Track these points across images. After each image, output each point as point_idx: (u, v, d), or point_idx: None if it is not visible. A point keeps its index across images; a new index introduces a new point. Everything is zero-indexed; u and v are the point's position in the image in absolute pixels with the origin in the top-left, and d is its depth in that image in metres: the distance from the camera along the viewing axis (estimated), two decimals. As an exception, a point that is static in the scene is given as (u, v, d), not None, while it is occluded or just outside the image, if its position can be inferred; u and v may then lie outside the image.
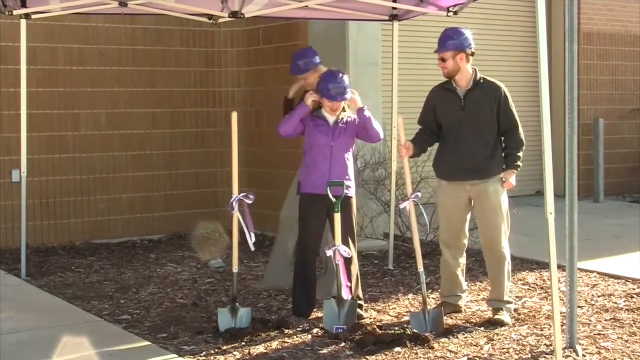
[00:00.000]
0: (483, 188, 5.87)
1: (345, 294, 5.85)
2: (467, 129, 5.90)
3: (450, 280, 6.16)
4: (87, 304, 6.59)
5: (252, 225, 6.03)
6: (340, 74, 6.06)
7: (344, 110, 6.13)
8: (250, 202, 5.97)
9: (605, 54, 12.89)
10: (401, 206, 6.09)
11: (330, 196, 5.89)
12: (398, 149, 6.06)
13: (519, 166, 5.92)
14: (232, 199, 5.91)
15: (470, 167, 5.87)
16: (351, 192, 6.10)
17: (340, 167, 6.05)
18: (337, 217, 5.89)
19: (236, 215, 5.91)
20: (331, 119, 6.08)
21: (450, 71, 5.89)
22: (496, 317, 5.89)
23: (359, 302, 6.06)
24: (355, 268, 6.12)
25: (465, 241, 6.13)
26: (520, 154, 5.93)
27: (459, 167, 5.91)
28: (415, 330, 5.58)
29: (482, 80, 5.92)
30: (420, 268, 5.88)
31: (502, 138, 5.95)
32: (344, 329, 5.67)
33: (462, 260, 6.17)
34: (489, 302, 6.09)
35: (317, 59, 6.50)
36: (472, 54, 5.90)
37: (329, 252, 5.90)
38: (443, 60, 5.87)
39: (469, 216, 6.07)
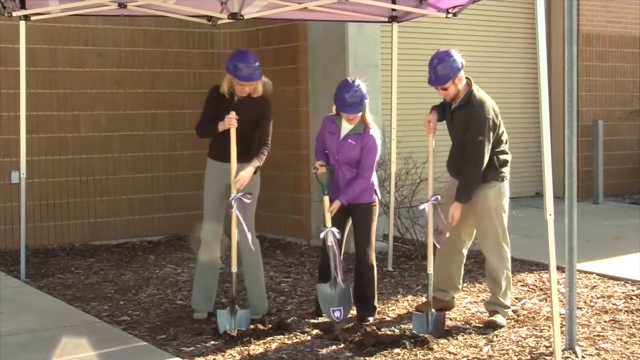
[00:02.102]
0: (474, 191, 5.88)
1: (339, 276, 5.88)
2: (454, 140, 6.00)
3: (440, 274, 6.17)
4: (86, 306, 6.59)
5: (250, 224, 6.05)
6: (357, 83, 5.92)
7: (365, 123, 5.98)
8: (248, 202, 5.96)
9: (605, 56, 12.89)
10: (420, 207, 6.07)
11: (318, 180, 6.05)
12: (425, 125, 5.99)
13: (462, 200, 5.82)
14: (231, 198, 5.91)
15: (460, 172, 5.94)
16: (364, 199, 6.04)
17: (346, 177, 6.02)
18: (327, 199, 5.96)
19: (235, 213, 5.91)
20: (345, 129, 6.00)
21: (453, 96, 5.84)
22: (490, 319, 5.90)
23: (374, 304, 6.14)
24: (373, 278, 6.14)
25: (461, 240, 6.12)
26: (468, 188, 5.79)
27: (454, 168, 6.04)
28: (415, 332, 5.59)
29: (470, 101, 5.80)
30: (430, 270, 5.90)
31: (495, 150, 5.87)
32: (340, 312, 5.73)
33: (458, 257, 6.18)
34: (486, 305, 6.11)
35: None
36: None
37: (322, 234, 5.94)
38: (444, 89, 5.80)
39: (469, 216, 6.05)
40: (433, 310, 5.80)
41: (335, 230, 5.93)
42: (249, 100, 5.98)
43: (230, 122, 5.85)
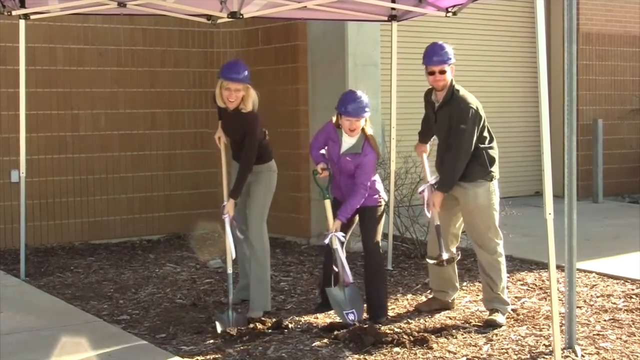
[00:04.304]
0: (464, 191, 5.92)
1: (345, 279, 5.94)
2: (440, 140, 6.05)
3: (437, 275, 6.25)
4: (86, 304, 6.59)
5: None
6: (360, 93, 5.99)
7: (366, 137, 5.98)
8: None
9: (605, 55, 12.90)
10: (420, 190, 6.26)
11: (317, 184, 6.15)
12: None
13: (443, 189, 5.90)
14: (222, 204, 6.08)
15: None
16: (370, 202, 6.04)
17: (348, 182, 6.05)
18: (328, 203, 6.04)
19: (223, 219, 6.05)
20: (345, 144, 6.01)
21: (447, 83, 5.88)
22: (489, 318, 5.91)
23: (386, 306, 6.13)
24: (385, 279, 6.19)
25: (450, 239, 6.13)
26: (449, 179, 5.86)
27: (440, 168, 6.07)
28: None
29: (453, 96, 5.85)
30: (437, 222, 5.96)
31: (481, 146, 5.89)
32: (354, 314, 5.79)
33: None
34: (485, 303, 6.12)
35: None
36: None
37: (326, 240, 5.97)
38: (442, 72, 5.83)
39: (457, 214, 6.09)
40: (445, 255, 5.95)
41: (339, 234, 5.97)
42: (238, 114, 6.10)
43: (217, 142, 6.32)
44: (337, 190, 6.14)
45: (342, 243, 6.00)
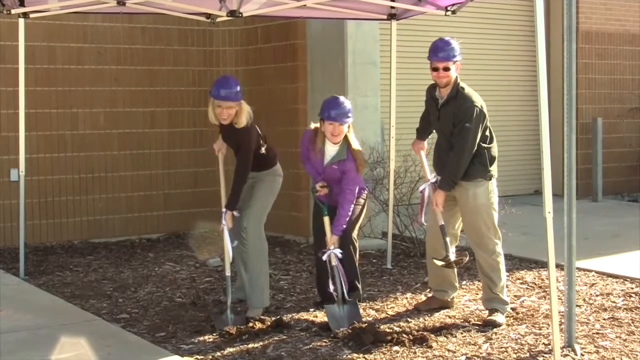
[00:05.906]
0: (463, 191, 5.91)
1: (345, 294, 5.95)
2: (441, 137, 6.05)
3: (436, 274, 6.24)
4: (85, 303, 6.59)
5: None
6: (343, 99, 6.06)
7: (348, 143, 6.05)
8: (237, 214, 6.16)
9: (604, 53, 12.89)
10: (420, 189, 6.22)
11: (318, 202, 6.18)
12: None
13: (445, 188, 5.88)
14: (223, 210, 6.10)
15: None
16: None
17: (336, 188, 6.12)
18: (327, 220, 6.07)
19: (222, 228, 6.08)
20: (329, 155, 6.09)
21: (450, 80, 5.86)
22: (489, 318, 5.89)
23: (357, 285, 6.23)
24: (352, 256, 6.23)
25: (451, 239, 6.10)
26: (452, 178, 5.83)
27: (440, 166, 6.04)
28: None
29: (458, 94, 5.85)
30: (441, 221, 5.92)
31: (483, 145, 5.89)
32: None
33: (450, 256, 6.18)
34: (484, 303, 6.10)
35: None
36: None
37: (324, 257, 5.98)
38: (446, 69, 5.82)
39: (456, 215, 6.08)
40: (453, 256, 5.93)
41: (337, 251, 5.99)
42: (233, 129, 6.13)
43: (215, 153, 6.39)
44: (324, 197, 6.21)
45: (340, 260, 6.02)
